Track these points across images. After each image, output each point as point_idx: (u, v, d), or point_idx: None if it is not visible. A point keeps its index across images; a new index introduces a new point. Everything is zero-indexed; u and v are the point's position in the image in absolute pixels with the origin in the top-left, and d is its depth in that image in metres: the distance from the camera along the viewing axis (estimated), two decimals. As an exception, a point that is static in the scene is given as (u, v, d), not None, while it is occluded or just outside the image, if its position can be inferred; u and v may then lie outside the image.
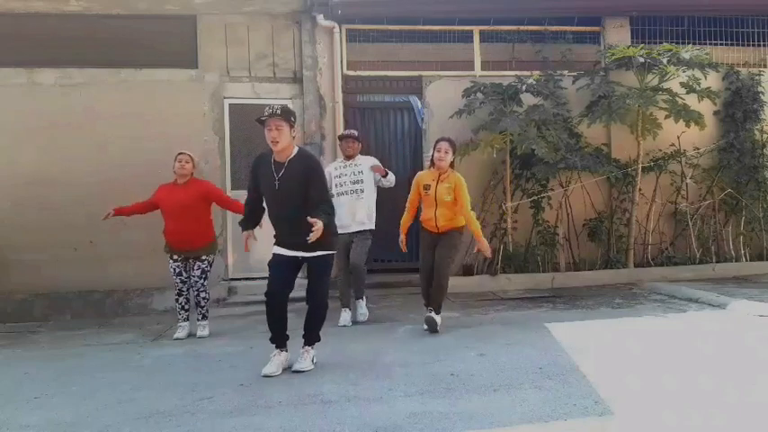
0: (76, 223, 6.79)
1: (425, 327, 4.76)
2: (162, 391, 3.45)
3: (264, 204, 3.88)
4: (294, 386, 3.41)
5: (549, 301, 5.98)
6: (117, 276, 6.78)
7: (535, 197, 7.13)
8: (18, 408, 3.31)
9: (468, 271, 6.90)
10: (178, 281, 5.13)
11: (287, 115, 3.68)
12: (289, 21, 7.39)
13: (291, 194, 3.65)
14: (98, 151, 6.89)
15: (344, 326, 5.20)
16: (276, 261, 3.76)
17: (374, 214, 5.42)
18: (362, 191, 5.31)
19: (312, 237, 3.45)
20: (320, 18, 7.16)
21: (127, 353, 4.62)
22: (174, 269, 5.11)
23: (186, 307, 5.16)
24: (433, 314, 4.70)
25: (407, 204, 5.00)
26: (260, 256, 6.97)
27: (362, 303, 5.37)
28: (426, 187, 4.77)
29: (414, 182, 4.97)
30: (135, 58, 7.08)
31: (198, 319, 5.17)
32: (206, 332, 5.10)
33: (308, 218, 3.46)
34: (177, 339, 4.99)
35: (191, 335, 5.08)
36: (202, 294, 5.13)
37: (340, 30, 7.31)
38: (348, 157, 5.46)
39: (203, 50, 7.24)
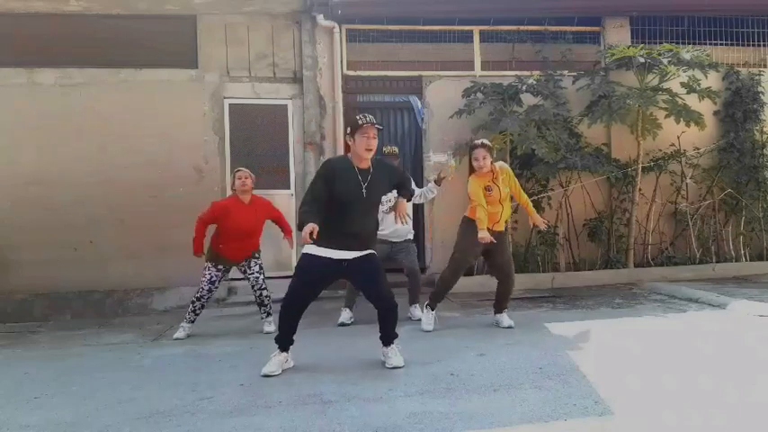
0: (76, 223, 6.81)
1: (421, 328, 4.82)
2: (162, 391, 3.45)
3: (332, 210, 3.63)
4: (294, 386, 3.40)
5: (549, 301, 5.98)
6: (117, 276, 6.78)
7: (535, 197, 7.12)
8: (18, 408, 3.31)
9: (468, 271, 6.87)
10: (207, 288, 5.04)
11: (379, 128, 3.77)
12: (289, 21, 7.39)
13: (376, 202, 3.83)
14: (98, 151, 6.90)
15: (343, 324, 5.22)
16: (316, 271, 3.65)
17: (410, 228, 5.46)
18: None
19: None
20: (320, 18, 7.16)
21: (127, 353, 4.62)
22: (211, 276, 5.04)
23: (198, 312, 5.13)
24: (503, 315, 4.87)
25: (478, 203, 4.64)
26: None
27: (418, 308, 5.32)
28: (488, 188, 4.72)
29: (476, 183, 4.69)
30: (135, 58, 7.09)
31: (263, 317, 5.20)
32: (272, 327, 5.08)
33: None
34: (177, 339, 4.99)
35: (190, 335, 5.08)
36: (265, 292, 5.19)
37: (340, 30, 7.31)
38: None
39: (203, 50, 7.25)
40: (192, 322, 5.12)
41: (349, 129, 3.78)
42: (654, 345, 4.07)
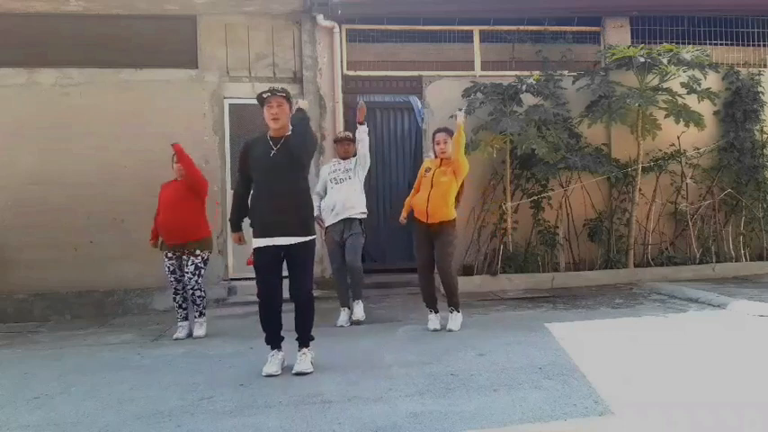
0: (76, 223, 6.80)
1: (430, 327, 4.80)
2: (162, 391, 3.45)
3: (255, 187, 3.81)
4: (294, 386, 3.41)
5: (549, 301, 5.99)
6: (117, 276, 6.77)
7: (535, 197, 7.12)
8: (18, 408, 3.31)
9: (468, 271, 6.89)
10: (172, 279, 5.17)
11: (287, 94, 3.88)
12: (289, 21, 7.39)
13: (287, 165, 3.73)
14: (98, 151, 6.88)
15: (343, 326, 5.21)
16: (262, 262, 3.74)
17: (364, 203, 5.47)
18: (352, 177, 5.41)
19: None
20: (320, 18, 7.16)
21: (127, 353, 4.62)
22: (168, 267, 5.15)
23: (184, 305, 5.16)
24: (452, 313, 4.80)
25: (414, 188, 5.08)
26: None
27: (360, 304, 5.36)
28: (427, 170, 4.93)
29: (424, 165, 5.15)
30: (135, 58, 7.08)
31: (195, 317, 5.16)
32: (202, 332, 5.08)
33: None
34: (177, 339, 4.99)
35: (190, 335, 5.08)
36: (197, 293, 5.12)
37: (340, 30, 7.31)
38: (343, 158, 5.56)
39: (203, 50, 7.24)
40: (186, 318, 5.14)
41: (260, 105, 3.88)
42: (654, 345, 4.07)
